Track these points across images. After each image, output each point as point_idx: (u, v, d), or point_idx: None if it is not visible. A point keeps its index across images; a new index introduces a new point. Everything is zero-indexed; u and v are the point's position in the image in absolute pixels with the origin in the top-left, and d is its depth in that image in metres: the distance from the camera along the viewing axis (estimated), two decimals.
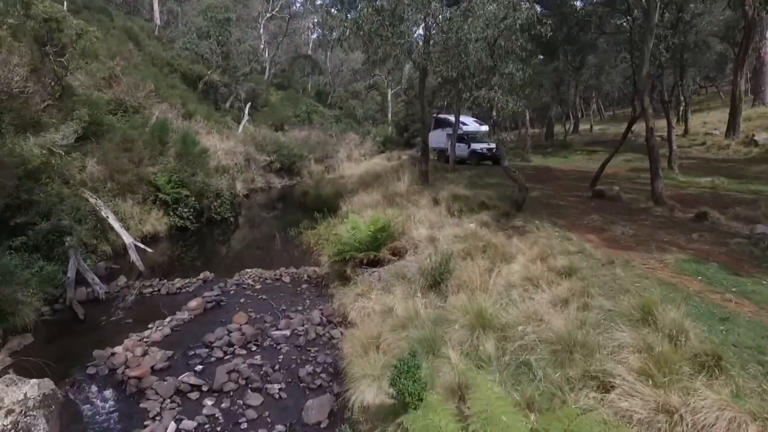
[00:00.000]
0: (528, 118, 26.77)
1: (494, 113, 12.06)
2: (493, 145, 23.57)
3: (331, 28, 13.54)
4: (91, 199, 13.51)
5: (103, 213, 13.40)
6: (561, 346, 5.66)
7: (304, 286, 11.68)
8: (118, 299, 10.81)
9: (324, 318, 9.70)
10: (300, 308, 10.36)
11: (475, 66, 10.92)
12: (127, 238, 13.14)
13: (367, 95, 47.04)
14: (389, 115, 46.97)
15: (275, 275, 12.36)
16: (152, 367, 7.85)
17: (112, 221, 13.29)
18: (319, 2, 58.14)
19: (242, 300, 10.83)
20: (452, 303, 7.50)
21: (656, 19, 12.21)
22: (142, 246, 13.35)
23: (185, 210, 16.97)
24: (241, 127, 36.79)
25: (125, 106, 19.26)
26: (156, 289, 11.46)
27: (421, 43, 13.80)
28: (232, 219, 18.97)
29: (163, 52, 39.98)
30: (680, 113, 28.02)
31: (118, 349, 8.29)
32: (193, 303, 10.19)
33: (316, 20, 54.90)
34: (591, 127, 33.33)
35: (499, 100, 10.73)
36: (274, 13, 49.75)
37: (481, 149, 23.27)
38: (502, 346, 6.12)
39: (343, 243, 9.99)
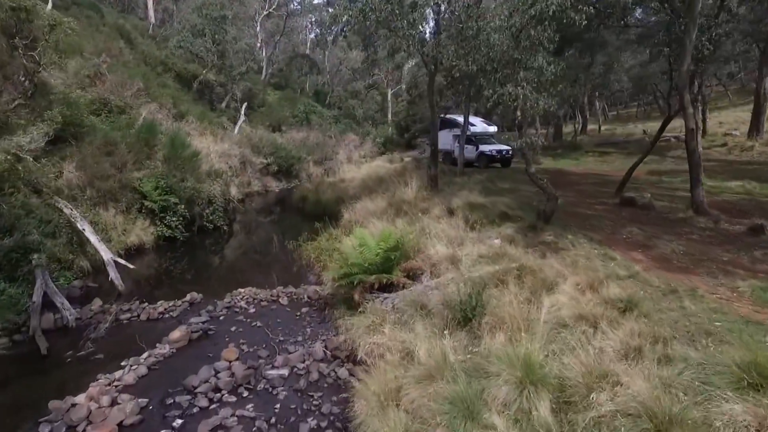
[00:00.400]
0: (537, 118, 25.43)
1: (518, 113, 10.54)
2: (503, 147, 22.14)
3: (335, 17, 11.98)
4: (65, 210, 11.98)
5: (79, 225, 11.87)
6: (652, 425, 4.19)
7: (304, 309, 10.18)
8: (90, 327, 9.30)
9: (328, 352, 8.21)
10: (300, 338, 8.87)
11: (499, 59, 9.44)
12: (106, 254, 11.61)
13: (366, 95, 45.48)
14: (389, 116, 45.47)
15: (272, 296, 10.86)
16: (120, 423, 6.37)
17: (89, 234, 11.76)
18: (316, 1, 56.69)
19: (233, 328, 9.33)
20: (489, 347, 6.03)
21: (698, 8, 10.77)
22: (122, 262, 11.83)
23: (174, 219, 15.45)
24: (237, 127, 35.26)
25: (110, 106, 17.71)
26: (135, 314, 9.95)
27: (431, 35, 12.30)
28: (225, 227, 17.46)
29: (156, 50, 38.43)
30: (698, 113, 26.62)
31: (81, 398, 6.78)
32: (176, 333, 8.68)
33: (313, 19, 53.38)
34: (599, 127, 31.89)
35: (528, 98, 9.26)
36: (271, 11, 48.16)
37: (491, 151, 21.80)
38: (566, 418, 4.64)
39: (350, 264, 8.49)
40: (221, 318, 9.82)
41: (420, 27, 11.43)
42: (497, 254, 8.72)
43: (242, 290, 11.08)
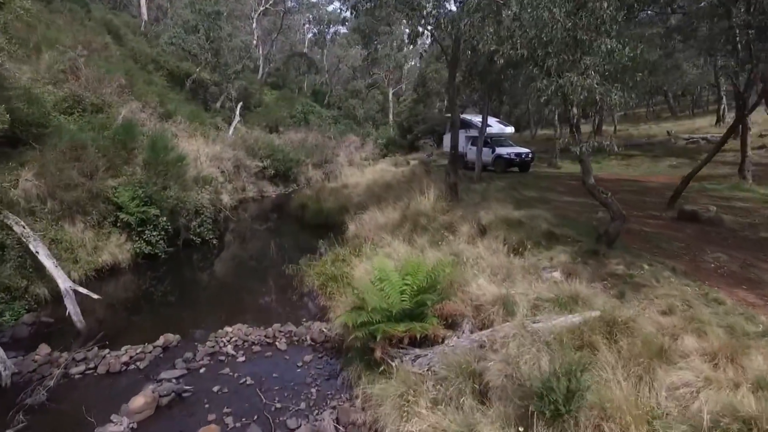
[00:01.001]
0: (557, 116, 23.25)
1: (573, 110, 8.37)
2: (522, 149, 19.96)
3: None
4: (16, 227, 9.72)
5: (32, 246, 9.60)
6: None
7: (307, 357, 7.96)
8: (29, 388, 7.03)
9: (341, 429, 6.00)
10: (303, 405, 6.64)
11: (561, 40, 7.24)
12: (63, 281, 9.35)
13: (367, 94, 43.21)
14: (390, 116, 43.24)
15: (266, 336, 8.62)
16: None
17: (43, 258, 9.50)
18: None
19: (216, 387, 7.09)
20: None
21: None
22: (83, 291, 9.55)
23: (154, 233, 13.19)
24: (232, 128, 33.04)
25: (84, 104, 15.42)
26: (91, 365, 7.69)
27: (459, 13, 10.09)
28: (215, 241, 15.19)
29: (148, 48, 36.16)
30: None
31: None
32: (138, 400, 6.44)
33: (311, 16, 51.12)
34: (615, 128, 29.76)
35: (596, 90, 7.07)
36: (267, 6, 45.85)
37: (508, 154, 19.61)
38: None
39: (370, 311, 6.25)
40: (201, 371, 7.58)
41: (447, 5, 9.17)
42: (562, 294, 6.52)
43: (229, 329, 8.83)
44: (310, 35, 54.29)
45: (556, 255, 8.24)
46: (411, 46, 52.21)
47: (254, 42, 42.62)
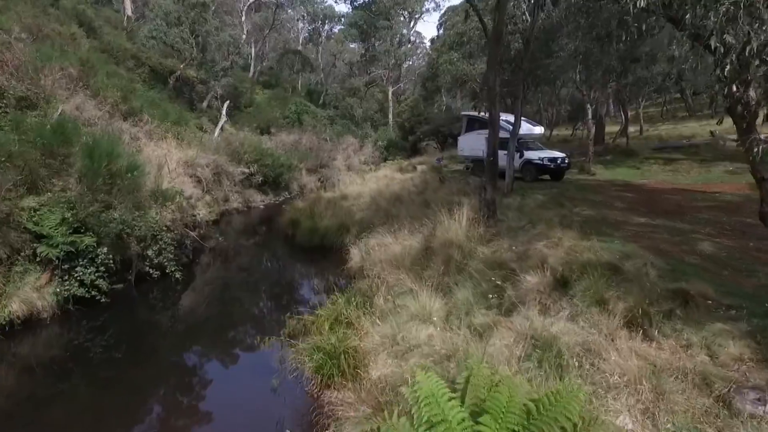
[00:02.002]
0: (590, 113, 19.75)
1: (750, 92, 4.75)
2: (556, 153, 16.38)
3: None
4: None
5: None
6: None
7: None
8: None
9: None
10: None
11: None
12: None
13: (366, 92, 39.49)
14: (390, 116, 39.59)
15: None
16: None
17: None
18: None
19: None
20: None
21: None
22: None
23: (89, 270, 9.50)
24: (218, 129, 29.41)
25: (7, 97, 11.67)
26: None
27: None
28: (179, 273, 11.41)
29: (128, 43, 32.39)
30: None
31: None
32: None
33: (305, 12, 47.38)
34: (641, 128, 26.22)
35: None
36: (259, 0, 42.08)
37: (540, 159, 16.00)
38: None
39: None
40: None
41: None
42: None
43: None
44: (304, 33, 50.51)
45: (719, 341, 4.63)
46: (409, 44, 48.87)
47: (243, 36, 38.78)
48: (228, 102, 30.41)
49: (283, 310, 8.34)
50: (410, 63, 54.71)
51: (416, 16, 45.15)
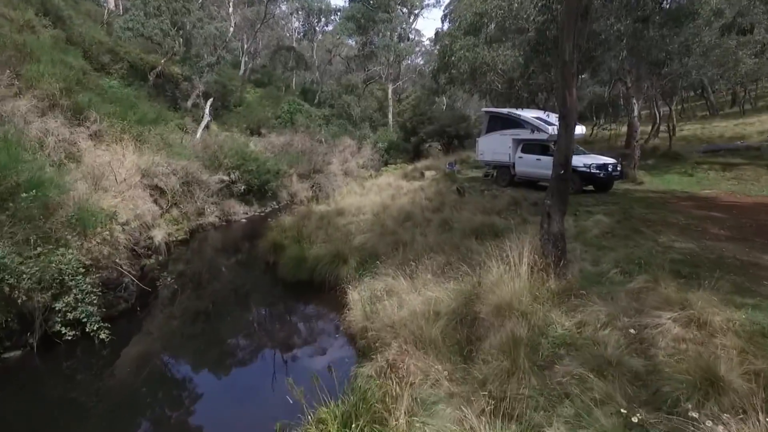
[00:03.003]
0: (637, 110, 16.20)
1: None
2: (605, 159, 12.87)
3: None
4: None
5: None
6: None
7: None
8: None
9: None
10: None
11: None
12: None
13: (364, 89, 35.79)
14: (390, 116, 35.98)
15: None
16: None
17: None
18: None
19: None
20: None
21: None
22: None
23: None
24: (200, 130, 25.91)
25: None
26: None
27: None
28: (104, 334, 7.78)
29: (105, 36, 28.76)
30: None
31: None
32: None
33: (299, 5, 43.62)
34: (673, 128, 22.68)
35: None
36: None
37: (586, 166, 12.40)
38: None
39: None
40: None
41: None
42: None
43: None
44: (297, 25, 46.79)
45: None
46: (409, 41, 45.18)
47: (230, 28, 35.01)
48: (211, 100, 26.80)
49: (256, 390, 4.84)
50: (410, 61, 51.18)
51: (416, 11, 41.62)
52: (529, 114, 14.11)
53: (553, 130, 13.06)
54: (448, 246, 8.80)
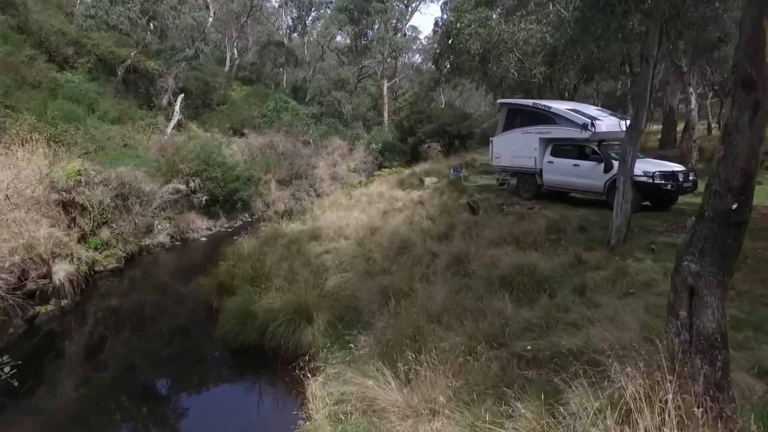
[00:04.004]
0: (695, 101, 12.65)
1: None
2: (673, 166, 9.31)
3: None
4: None
5: None
6: None
7: None
8: None
9: None
10: None
11: None
12: None
13: (356, 85, 32.11)
14: (385, 114, 32.37)
15: None
16: None
17: None
18: None
19: None
20: None
21: None
22: None
23: None
24: (169, 130, 22.43)
25: None
26: None
27: None
28: None
29: (68, 26, 25.33)
30: None
31: None
32: None
33: None
34: (710, 125, 19.15)
35: None
36: None
37: (648, 175, 8.66)
38: None
39: None
40: None
41: None
42: None
43: None
44: (287, 20, 43.17)
45: None
46: (405, 35, 41.51)
47: (210, 19, 31.35)
48: (182, 96, 23.20)
49: None
50: (407, 59, 47.56)
51: (413, 3, 38.04)
52: (561, 105, 10.58)
53: (599, 126, 9.50)
54: (467, 310, 5.31)
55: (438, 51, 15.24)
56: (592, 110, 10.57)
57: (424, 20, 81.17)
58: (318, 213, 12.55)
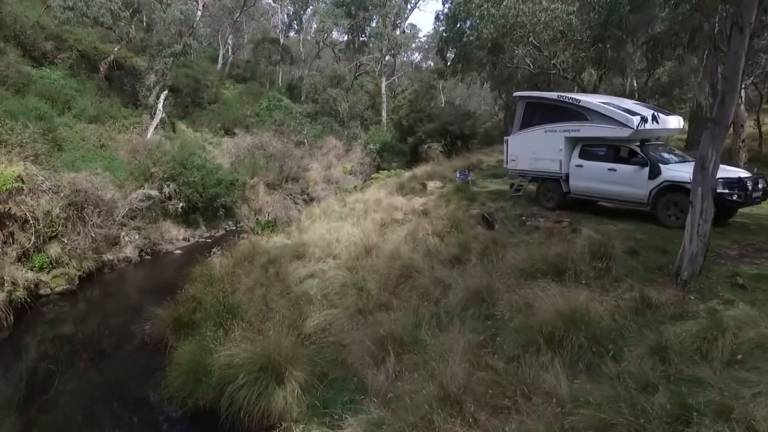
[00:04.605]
0: (745, 95, 10.91)
1: None
2: (739, 172, 7.52)
3: None
4: None
5: None
6: None
7: None
8: None
9: None
10: None
11: None
12: None
13: (353, 82, 30.19)
14: (384, 113, 30.54)
15: None
16: None
17: None
18: None
19: None
20: None
21: None
22: None
23: None
24: (151, 129, 20.67)
25: None
26: None
27: None
28: None
29: (47, 18, 23.60)
30: None
31: None
32: None
33: None
34: (759, 124, 16.78)
35: None
36: None
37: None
38: None
39: None
40: None
41: None
42: None
43: None
44: (282, 16, 41.28)
45: None
46: (404, 32, 39.63)
47: (198, 13, 29.46)
48: (166, 93, 21.36)
49: None
50: (405, 58, 45.75)
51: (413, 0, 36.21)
52: (593, 99, 8.79)
53: (639, 123, 7.71)
54: (500, 388, 3.54)
55: (443, 38, 13.37)
56: (629, 103, 8.78)
57: (424, 18, 79.05)
58: (306, 224, 10.76)
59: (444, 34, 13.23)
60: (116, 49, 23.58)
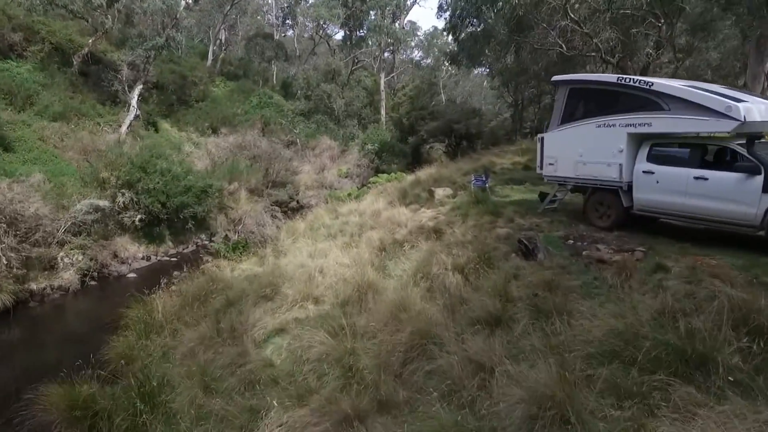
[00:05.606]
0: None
1: None
2: None
3: None
4: None
5: None
6: None
7: None
8: None
9: None
10: None
11: None
12: None
13: (349, 78, 27.69)
14: (383, 112, 28.11)
15: None
16: None
17: None
18: None
19: None
20: None
21: None
22: None
23: None
24: (124, 128, 18.49)
25: None
26: None
27: None
28: None
29: (15, 8, 21.30)
30: None
31: None
32: None
33: None
34: None
35: None
36: None
37: None
38: None
39: None
40: None
41: None
42: None
43: None
44: (277, 12, 38.89)
45: None
46: (402, 28, 37.23)
47: (182, 3, 27.05)
48: (140, 88, 18.95)
49: None
50: (404, 56, 43.34)
51: None
52: (671, 82, 6.45)
53: (749, 111, 5.40)
54: None
55: (457, 13, 10.91)
56: (718, 87, 6.46)
57: (424, 15, 76.37)
58: (286, 243, 8.37)
59: (459, 8, 10.77)
60: (91, 41, 21.25)
